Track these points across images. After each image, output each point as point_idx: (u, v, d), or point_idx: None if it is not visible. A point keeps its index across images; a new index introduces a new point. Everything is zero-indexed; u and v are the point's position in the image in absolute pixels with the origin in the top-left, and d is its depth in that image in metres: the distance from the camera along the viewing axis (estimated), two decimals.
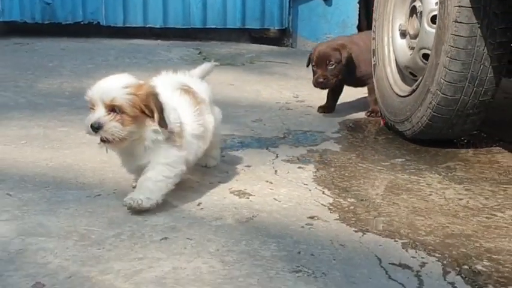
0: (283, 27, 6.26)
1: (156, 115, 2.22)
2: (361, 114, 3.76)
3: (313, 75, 3.68)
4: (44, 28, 6.11)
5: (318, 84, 3.65)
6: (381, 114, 3.54)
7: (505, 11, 2.72)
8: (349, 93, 3.97)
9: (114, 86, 2.21)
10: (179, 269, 1.89)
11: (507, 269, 1.94)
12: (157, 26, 6.26)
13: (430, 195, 2.53)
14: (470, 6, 2.72)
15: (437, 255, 2.02)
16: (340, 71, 3.63)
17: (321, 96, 3.88)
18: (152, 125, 2.25)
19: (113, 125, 2.17)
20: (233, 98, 3.99)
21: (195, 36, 6.21)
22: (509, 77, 3.23)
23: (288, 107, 3.89)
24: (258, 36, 6.37)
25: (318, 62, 3.62)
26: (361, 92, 3.98)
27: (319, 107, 3.81)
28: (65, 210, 2.30)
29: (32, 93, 4.03)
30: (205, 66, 2.83)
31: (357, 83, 3.84)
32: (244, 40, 6.26)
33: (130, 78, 2.29)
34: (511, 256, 2.02)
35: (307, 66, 3.79)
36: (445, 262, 1.97)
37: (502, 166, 2.91)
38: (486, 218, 2.32)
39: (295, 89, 4.33)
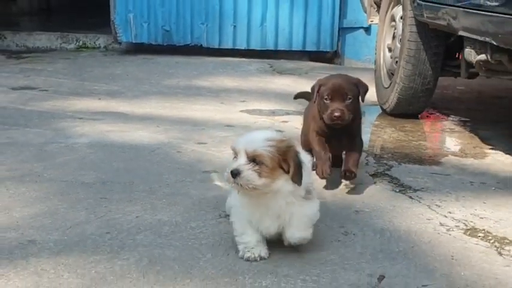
0: (334, 50, 7.91)
1: (291, 170, 2.26)
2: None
3: (324, 111, 3.11)
4: (163, 48, 7.94)
5: (332, 119, 3.09)
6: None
7: (436, 35, 4.68)
8: None
9: (258, 138, 2.26)
10: None
11: (410, 158, 3.99)
12: (243, 48, 7.92)
13: (383, 135, 4.57)
14: (417, 31, 4.72)
15: (387, 155, 4.06)
16: (354, 109, 3.16)
17: None
18: (287, 181, 2.28)
19: (249, 173, 2.22)
20: (289, 92, 6.08)
21: (268, 56, 7.87)
22: (455, 76, 5.22)
23: None
24: (316, 57, 7.99)
25: (334, 94, 3.09)
26: None
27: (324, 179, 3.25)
28: (207, 132, 4.44)
29: (160, 86, 6.16)
30: None
31: (347, 135, 3.28)
32: (304, 59, 8.06)
33: (274, 133, 2.35)
34: (412, 152, 4.08)
35: (314, 102, 3.21)
36: (389, 156, 4.02)
37: (440, 126, 4.90)
38: (413, 146, 4.32)
39: None
